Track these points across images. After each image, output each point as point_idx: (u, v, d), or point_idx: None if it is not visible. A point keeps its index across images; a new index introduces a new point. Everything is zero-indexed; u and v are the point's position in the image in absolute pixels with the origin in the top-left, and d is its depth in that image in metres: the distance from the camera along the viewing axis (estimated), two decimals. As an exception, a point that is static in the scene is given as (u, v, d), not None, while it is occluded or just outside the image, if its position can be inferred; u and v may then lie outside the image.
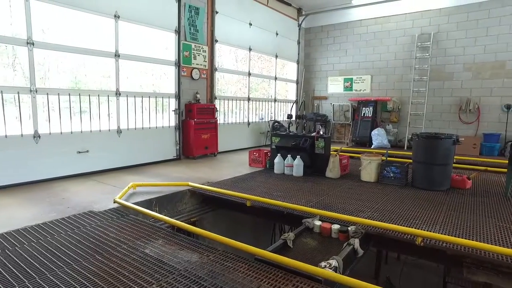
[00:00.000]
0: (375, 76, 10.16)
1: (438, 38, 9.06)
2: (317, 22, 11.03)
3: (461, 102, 8.85)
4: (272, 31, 9.71)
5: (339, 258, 2.45)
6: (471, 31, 8.62)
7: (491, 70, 8.47)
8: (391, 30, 9.75)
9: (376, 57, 10.08)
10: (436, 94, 9.20)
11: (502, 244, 2.85)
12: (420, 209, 3.82)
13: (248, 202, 3.97)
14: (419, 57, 9.26)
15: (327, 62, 11.03)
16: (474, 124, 8.78)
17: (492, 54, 8.43)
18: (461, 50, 8.81)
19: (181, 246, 2.75)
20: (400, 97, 9.74)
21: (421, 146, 4.91)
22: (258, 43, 9.14)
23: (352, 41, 10.46)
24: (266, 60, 10.03)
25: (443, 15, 8.95)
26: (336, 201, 4.08)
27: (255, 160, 6.36)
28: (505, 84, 8.35)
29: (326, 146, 5.58)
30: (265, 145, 9.26)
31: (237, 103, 8.80)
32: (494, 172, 6.08)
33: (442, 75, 9.08)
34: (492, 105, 8.53)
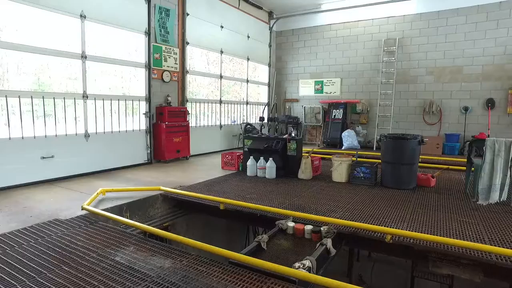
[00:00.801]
0: (344, 79, 10.44)
1: (402, 43, 9.46)
2: (288, 26, 11.19)
3: (424, 104, 9.28)
4: (244, 34, 9.75)
5: (312, 258, 2.49)
6: (432, 37, 9.08)
7: (450, 74, 8.96)
8: (359, 34, 10.07)
9: (345, 61, 10.36)
10: (402, 96, 9.59)
11: (462, 238, 3.01)
12: (389, 208, 3.96)
13: (221, 205, 3.95)
14: (385, 61, 9.61)
15: (298, 65, 11.21)
16: (437, 125, 9.23)
17: (450, 59, 8.92)
18: (423, 55, 9.24)
19: (153, 252, 2.69)
20: (369, 100, 10.06)
21: (389, 146, 5.09)
22: (230, 45, 9.14)
23: (322, 44, 10.70)
24: (238, 62, 10.04)
25: (406, 21, 9.36)
26: (309, 202, 4.14)
27: (228, 163, 6.34)
28: (462, 88, 8.85)
29: (298, 148, 5.66)
30: (237, 148, 9.26)
31: (209, 106, 8.75)
32: (455, 170, 6.42)
33: (407, 78, 9.48)
34: (452, 107, 9.01)
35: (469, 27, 8.63)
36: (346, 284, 2.10)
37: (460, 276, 2.83)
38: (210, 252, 2.67)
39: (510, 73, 8.30)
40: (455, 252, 2.76)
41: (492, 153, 4.13)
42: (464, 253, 2.72)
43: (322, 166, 6.15)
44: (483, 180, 4.16)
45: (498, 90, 8.47)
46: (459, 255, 2.75)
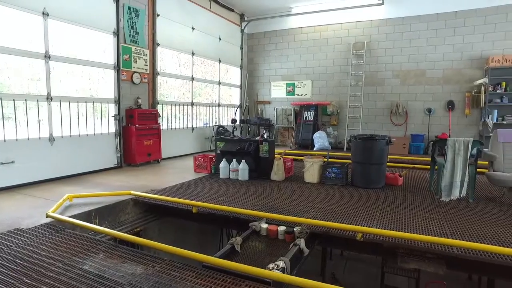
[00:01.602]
0: (315, 81, 10.64)
1: (370, 47, 9.78)
2: (259, 28, 11.27)
3: (391, 105, 9.63)
4: (215, 36, 9.71)
5: (286, 259, 2.51)
6: (397, 42, 9.46)
7: (414, 77, 9.37)
8: (329, 38, 10.31)
9: (316, 63, 10.57)
10: (371, 98, 9.90)
11: (427, 233, 3.15)
12: (360, 207, 4.07)
13: (194, 208, 3.90)
14: (354, 63, 9.89)
15: (270, 67, 11.30)
16: (403, 126, 9.60)
17: (414, 63, 9.33)
18: (390, 59, 9.60)
19: (124, 258, 2.61)
20: (339, 101, 10.31)
21: (359, 147, 5.24)
22: (201, 47, 9.07)
23: (293, 47, 10.85)
24: (209, 64, 9.98)
25: (374, 26, 9.70)
26: (282, 203, 4.18)
27: (200, 166, 6.27)
28: (426, 90, 9.29)
29: (270, 149, 5.70)
30: (210, 150, 9.19)
31: (181, 108, 8.63)
32: (420, 169, 6.70)
33: (375, 81, 9.81)
34: (417, 108, 9.42)
35: (430, 33, 9.08)
36: (320, 283, 2.13)
37: (426, 270, 2.96)
38: (183, 256, 2.63)
39: (466, 77, 8.81)
40: (421, 247, 2.88)
41: (453, 152, 4.35)
42: (429, 247, 2.85)
43: (294, 167, 6.22)
44: (445, 177, 4.37)
45: (457, 93, 8.95)
46: (425, 249, 2.88)
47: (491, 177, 4.34)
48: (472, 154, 4.36)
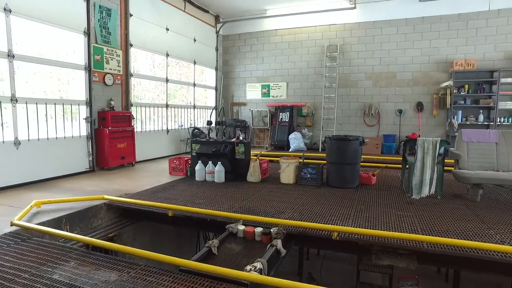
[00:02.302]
0: (290, 83, 10.75)
1: (343, 50, 10.00)
2: (234, 30, 11.26)
3: (364, 107, 9.89)
4: (190, 37, 9.61)
5: (263, 260, 2.52)
6: (369, 45, 9.73)
7: (386, 79, 9.67)
8: (304, 40, 10.45)
9: (290, 65, 10.69)
10: (344, 100, 10.12)
11: (400, 230, 3.25)
12: (335, 206, 4.14)
13: (170, 212, 3.83)
14: (328, 66, 10.08)
15: (245, 69, 11.32)
16: (376, 127, 9.88)
17: (386, 66, 9.63)
18: (362, 61, 9.86)
19: (97, 265, 2.53)
20: (314, 103, 10.47)
21: (333, 147, 5.33)
22: (176, 48, 8.95)
23: (268, 49, 10.92)
24: (184, 66, 9.87)
25: (346, 29, 9.93)
26: (258, 205, 4.18)
27: (176, 168, 6.18)
28: (396, 92, 9.61)
29: (246, 151, 5.70)
30: (185, 153, 9.07)
31: (155, 110, 8.47)
32: (392, 168, 6.91)
33: (348, 83, 10.04)
34: (388, 109, 9.72)
35: (400, 37, 9.41)
36: (297, 283, 2.15)
37: (399, 265, 3.05)
38: (160, 261, 2.58)
39: (434, 80, 9.20)
40: (394, 244, 2.97)
41: (423, 151, 4.52)
42: (402, 244, 2.94)
43: (270, 169, 6.25)
44: (416, 176, 4.53)
45: (426, 95, 9.32)
46: (398, 246, 2.97)
47: (457, 175, 4.54)
48: (440, 153, 4.54)
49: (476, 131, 4.97)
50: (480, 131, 4.96)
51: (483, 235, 3.13)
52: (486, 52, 8.71)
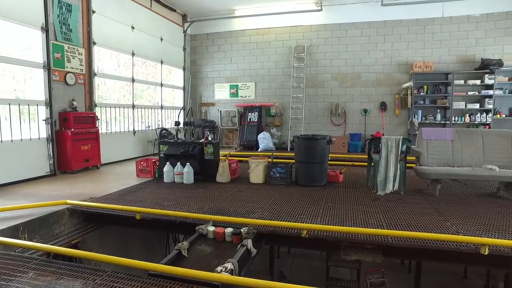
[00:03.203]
0: (258, 83, 10.81)
1: (310, 51, 10.20)
2: (202, 30, 11.15)
3: (331, 106, 10.14)
4: (157, 36, 9.41)
5: (234, 261, 2.52)
6: (335, 46, 10.00)
7: (351, 80, 9.98)
8: (271, 41, 10.55)
9: (259, 65, 10.75)
10: (312, 100, 10.33)
11: (366, 226, 3.37)
12: (304, 205, 4.21)
13: (137, 215, 3.73)
14: (296, 66, 10.24)
15: (213, 69, 11.25)
16: (342, 126, 10.16)
17: (351, 67, 9.94)
18: (329, 62, 10.11)
19: (59, 274, 2.41)
20: (282, 103, 10.59)
21: (302, 147, 5.43)
22: (142, 47, 8.72)
23: (236, 49, 10.92)
24: (151, 66, 9.64)
25: (313, 31, 10.14)
26: (228, 205, 4.18)
27: (143, 170, 6.03)
28: (362, 92, 9.94)
29: (215, 151, 5.67)
30: (153, 154, 8.87)
31: (121, 111, 8.20)
32: (358, 166, 7.14)
33: (316, 83, 10.26)
34: (354, 109, 10.04)
35: (364, 40, 9.75)
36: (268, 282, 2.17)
37: (366, 260, 3.16)
38: (128, 266, 2.51)
39: (396, 81, 9.62)
40: (361, 239, 3.08)
41: (386, 149, 4.71)
42: (368, 239, 3.06)
43: (239, 169, 6.26)
44: (380, 173, 4.72)
45: (389, 95, 9.72)
46: (364, 241, 3.08)
47: (418, 171, 4.77)
48: (402, 151, 4.76)
49: (434, 129, 5.25)
50: (438, 129, 5.25)
51: (441, 227, 3.32)
52: (441, 55, 9.24)
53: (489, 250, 2.77)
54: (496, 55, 8.79)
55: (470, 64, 9.05)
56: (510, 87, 8.77)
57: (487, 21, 8.91)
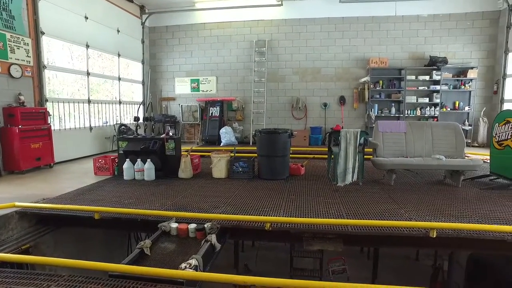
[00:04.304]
0: (220, 77, 10.73)
1: (271, 45, 10.28)
2: (161, 22, 10.83)
3: (292, 101, 10.33)
4: (113, 27, 8.99)
5: (198, 256, 2.51)
6: (295, 41, 10.16)
7: (311, 74, 10.21)
8: (233, 35, 10.49)
9: (220, 59, 10.66)
10: (273, 94, 10.44)
11: (327, 216, 3.49)
12: (267, 198, 4.27)
13: (96, 214, 3.58)
14: (257, 60, 10.28)
15: (174, 63, 10.99)
16: (303, 120, 10.39)
17: (311, 62, 10.17)
18: (289, 57, 10.26)
19: (7, 284, 2.25)
20: (243, 97, 10.61)
21: (264, 141, 5.48)
22: (98, 39, 8.30)
23: (197, 43, 10.74)
24: (107, 59, 9.22)
25: (274, 25, 10.22)
26: (191, 201, 4.13)
27: (101, 168, 5.79)
28: (321, 87, 10.22)
29: (177, 147, 5.57)
30: (112, 151, 8.53)
31: (76, 106, 7.77)
32: (319, 158, 7.35)
33: (277, 77, 10.37)
34: (314, 103, 10.30)
35: (323, 35, 10.01)
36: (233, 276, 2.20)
37: (327, 249, 3.28)
38: (87, 268, 2.42)
39: (354, 76, 10.00)
40: (323, 230, 3.18)
41: (346, 142, 4.89)
42: (329, 229, 3.17)
43: (202, 164, 6.20)
44: (340, 165, 4.89)
45: (347, 89, 10.08)
46: (326, 231, 3.19)
47: (375, 162, 5.01)
48: (360, 143, 4.96)
49: (389, 122, 5.52)
50: (392, 122, 5.53)
51: (396, 214, 3.52)
52: (395, 52, 9.73)
53: (437, 233, 2.99)
54: (442, 53, 9.43)
55: (420, 61, 9.62)
56: (454, 83, 9.47)
57: (434, 21, 9.53)
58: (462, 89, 9.40)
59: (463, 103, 9.49)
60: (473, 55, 9.50)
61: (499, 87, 9.20)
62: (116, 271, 2.32)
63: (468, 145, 8.55)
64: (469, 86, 9.36)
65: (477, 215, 3.54)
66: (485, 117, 9.23)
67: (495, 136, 4.94)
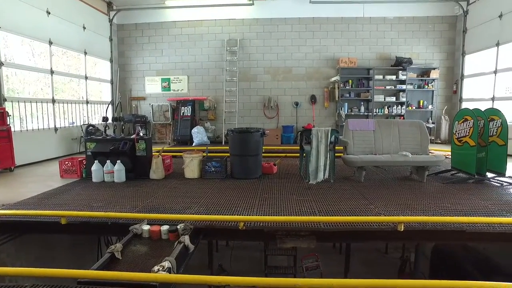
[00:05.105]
0: (191, 77, 10.61)
1: (243, 44, 10.28)
2: (130, 19, 10.53)
3: (264, 100, 10.39)
4: (78, 24, 8.64)
5: (171, 258, 2.47)
6: (267, 41, 10.23)
7: (283, 74, 10.32)
8: (204, 33, 10.39)
9: (191, 58, 10.53)
10: (245, 93, 10.45)
11: (300, 214, 3.55)
12: (240, 197, 4.27)
13: (62, 219, 3.43)
14: (229, 60, 10.25)
15: (143, 61, 10.73)
16: (275, 118, 10.48)
17: (282, 61, 10.28)
18: (261, 56, 10.31)
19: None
20: (215, 96, 10.54)
21: (236, 140, 5.47)
22: (62, 36, 7.93)
23: (167, 41, 10.54)
24: (73, 56, 8.86)
25: (245, 24, 10.23)
26: (163, 202, 4.06)
27: (68, 171, 5.56)
28: (293, 86, 10.36)
29: (148, 147, 5.45)
30: (79, 153, 8.21)
31: (39, 106, 7.39)
32: (291, 157, 7.42)
33: (249, 77, 10.39)
34: (286, 102, 10.42)
35: (294, 35, 10.14)
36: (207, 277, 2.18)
37: (301, 246, 3.33)
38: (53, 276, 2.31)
39: (324, 75, 10.21)
40: (296, 227, 3.23)
41: (317, 140, 4.98)
42: (302, 226, 3.22)
43: (174, 164, 6.10)
44: (312, 163, 4.98)
45: (318, 88, 10.27)
46: (299, 229, 3.24)
47: (345, 160, 5.14)
48: (331, 141, 5.07)
49: (359, 120, 5.69)
50: (362, 120, 5.71)
51: (366, 210, 3.64)
52: (363, 52, 10.03)
53: (404, 226, 3.11)
54: (407, 54, 9.85)
55: (387, 61, 9.98)
56: (418, 83, 9.90)
57: (399, 24, 9.93)
58: (426, 88, 9.84)
59: (427, 102, 9.93)
60: (435, 56, 9.99)
61: (458, 87, 9.75)
62: (85, 278, 2.24)
63: (432, 142, 8.96)
64: (432, 85, 9.82)
65: (440, 208, 3.72)
66: (447, 115, 9.73)
67: (455, 133, 5.22)
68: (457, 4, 9.45)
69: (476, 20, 9.07)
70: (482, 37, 8.82)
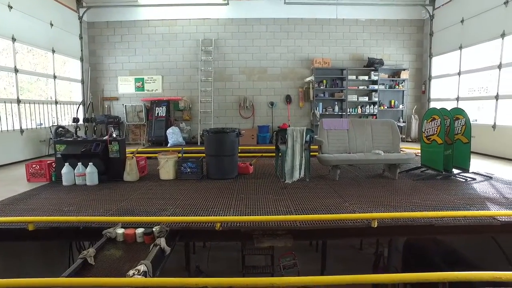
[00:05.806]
0: (166, 76, 10.44)
1: (218, 44, 10.23)
2: (101, 17, 10.23)
3: (240, 100, 10.39)
4: (45, 20, 8.29)
5: (147, 262, 2.42)
6: (242, 41, 10.23)
7: (258, 74, 10.37)
8: (178, 33, 10.26)
9: (165, 58, 10.36)
10: (221, 93, 10.41)
11: (276, 213, 3.58)
12: (217, 198, 4.25)
13: (30, 225, 3.27)
14: (204, 59, 10.17)
15: (116, 61, 10.45)
16: (251, 118, 10.50)
17: (257, 61, 10.32)
18: (236, 56, 10.30)
19: None
20: (190, 97, 10.43)
21: (211, 140, 5.44)
22: (27, 32, 7.58)
23: (140, 40, 10.32)
24: (40, 54, 8.49)
25: (220, 24, 10.19)
26: (138, 204, 3.98)
27: (36, 174, 5.32)
28: (268, 86, 10.43)
29: (121, 149, 5.31)
30: (48, 155, 7.89)
31: (3, 107, 7.04)
32: (267, 156, 7.47)
33: (224, 77, 10.36)
34: (261, 102, 10.47)
35: (269, 35, 10.21)
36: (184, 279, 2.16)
37: (278, 245, 3.36)
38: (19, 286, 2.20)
39: (299, 75, 10.35)
40: (272, 227, 3.26)
41: (292, 139, 5.04)
42: (279, 225, 3.25)
43: (148, 166, 5.99)
44: (288, 162, 5.03)
45: (293, 88, 10.40)
46: (276, 228, 3.27)
47: (320, 159, 5.23)
48: (306, 141, 5.14)
49: (333, 120, 5.80)
50: (336, 120, 5.82)
51: (340, 208, 3.72)
52: (337, 53, 10.25)
53: (377, 223, 3.21)
54: (379, 55, 10.15)
55: (360, 62, 10.24)
56: (389, 83, 10.23)
57: (371, 26, 10.23)
58: (397, 88, 10.18)
59: (397, 102, 10.28)
60: (404, 58, 10.36)
61: (426, 88, 10.17)
62: (55, 286, 2.16)
63: (403, 140, 9.30)
64: (402, 86, 10.17)
65: (411, 204, 3.87)
66: (416, 114, 10.10)
67: (424, 132, 5.44)
68: (424, 8, 9.86)
69: (441, 24, 9.49)
70: (447, 40, 9.24)
